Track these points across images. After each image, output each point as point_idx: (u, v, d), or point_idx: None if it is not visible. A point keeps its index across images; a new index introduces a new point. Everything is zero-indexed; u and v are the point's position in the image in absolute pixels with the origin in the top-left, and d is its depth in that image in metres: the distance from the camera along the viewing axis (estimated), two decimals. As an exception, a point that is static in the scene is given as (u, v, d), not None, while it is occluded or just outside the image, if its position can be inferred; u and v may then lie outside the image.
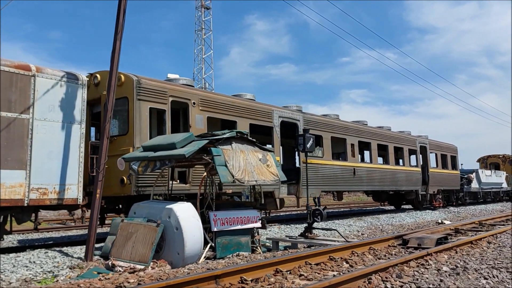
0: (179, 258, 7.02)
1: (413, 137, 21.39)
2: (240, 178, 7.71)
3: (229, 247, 8.03)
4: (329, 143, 15.46)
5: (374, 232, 12.02)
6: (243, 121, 12.04)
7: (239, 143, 8.21)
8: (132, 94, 9.48)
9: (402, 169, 19.92)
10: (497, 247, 7.30)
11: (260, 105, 12.83)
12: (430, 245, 7.36)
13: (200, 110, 10.85)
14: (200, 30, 50.11)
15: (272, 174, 8.49)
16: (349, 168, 16.28)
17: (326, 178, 15.11)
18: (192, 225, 7.13)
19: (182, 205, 7.30)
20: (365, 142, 17.73)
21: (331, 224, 15.32)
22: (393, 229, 14.19)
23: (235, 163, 7.78)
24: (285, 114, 13.71)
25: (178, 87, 10.47)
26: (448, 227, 10.17)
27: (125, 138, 9.47)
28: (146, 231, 7.19)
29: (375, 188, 18.47)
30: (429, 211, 21.75)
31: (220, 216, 7.91)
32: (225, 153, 7.69)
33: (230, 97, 12.00)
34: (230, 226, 8.03)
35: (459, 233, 9.68)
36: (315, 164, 14.67)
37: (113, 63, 7.68)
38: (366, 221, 16.81)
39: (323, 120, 15.44)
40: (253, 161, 8.22)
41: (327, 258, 6.14)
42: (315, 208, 9.16)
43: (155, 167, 7.55)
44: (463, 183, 26.78)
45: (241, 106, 11.99)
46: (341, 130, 16.19)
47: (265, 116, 12.90)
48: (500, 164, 36.25)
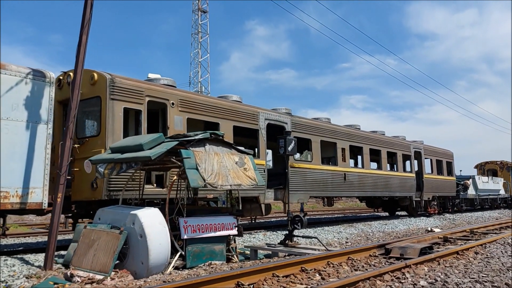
0: (143, 267, 6.53)
1: (407, 142, 20.93)
2: (213, 182, 7.23)
3: (201, 255, 7.54)
4: (318, 147, 14.99)
5: (360, 240, 11.52)
6: (226, 123, 11.58)
7: (213, 145, 7.74)
8: (105, 93, 9.02)
9: (396, 174, 19.43)
10: (484, 258, 6.82)
11: (244, 106, 12.38)
12: (413, 255, 6.89)
13: (180, 111, 10.39)
14: (196, 33, 49.85)
15: (249, 178, 8.01)
16: (339, 173, 15.80)
17: (315, 183, 14.63)
18: (158, 232, 6.65)
19: (148, 211, 6.82)
20: (356, 147, 17.26)
21: (320, 231, 14.82)
22: (383, 237, 13.69)
23: (208, 166, 7.31)
24: (271, 117, 13.25)
25: (155, 86, 10.01)
26: (437, 235, 9.68)
27: (97, 139, 9.00)
28: (108, 239, 6.70)
29: (367, 194, 17.97)
30: (424, 218, 21.24)
31: (191, 222, 7.42)
32: (197, 156, 7.22)
33: (212, 98, 11.55)
34: (202, 234, 7.54)
35: (447, 242, 9.20)
36: (303, 168, 14.20)
37: (79, 59, 7.23)
38: (357, 228, 16.31)
39: (312, 123, 14.98)
40: (229, 164, 7.74)
41: (298, 270, 5.66)
42: (295, 214, 8.68)
43: (121, 170, 7.08)
44: (459, 189, 26.27)
45: (224, 107, 11.53)
46: (331, 133, 15.72)
47: (250, 118, 12.44)
48: (498, 171, 35.75)
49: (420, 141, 23.21)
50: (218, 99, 11.70)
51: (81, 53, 7.26)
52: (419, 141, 23.08)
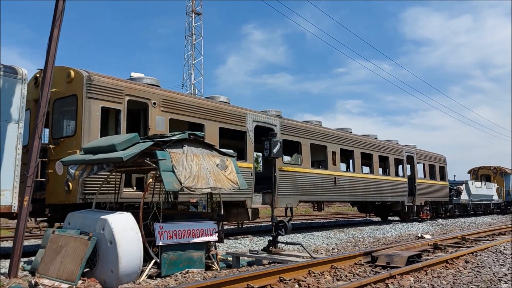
0: (113, 276, 6.11)
1: (400, 146, 20.63)
2: (190, 185, 6.83)
3: (178, 263, 7.13)
4: (308, 150, 14.63)
5: (349, 247, 11.14)
6: (212, 125, 11.20)
7: (192, 146, 7.35)
8: (81, 92, 8.62)
9: (388, 179, 19.10)
10: (475, 267, 6.47)
11: (231, 107, 12.00)
12: (400, 264, 6.53)
13: (162, 111, 9.99)
14: (190, 35, 49.51)
15: (230, 181, 7.62)
16: (329, 177, 15.44)
17: (304, 187, 14.26)
18: (129, 239, 6.24)
19: (119, 215, 6.41)
20: (348, 150, 16.93)
21: (309, 236, 14.44)
22: (373, 243, 13.32)
23: (186, 168, 6.91)
24: (260, 119, 12.89)
25: (135, 85, 9.62)
26: (427, 242, 9.33)
27: (73, 139, 8.58)
28: (77, 245, 6.28)
29: (358, 199, 17.63)
30: (416, 223, 20.92)
31: (167, 228, 7.01)
32: (174, 157, 6.82)
33: (197, 98, 11.17)
34: (179, 240, 7.13)
35: (438, 249, 8.85)
36: (293, 172, 13.83)
37: (50, 54, 6.83)
38: (348, 234, 15.95)
39: (302, 126, 14.63)
40: (209, 167, 7.35)
41: (276, 280, 5.28)
42: (279, 220, 8.30)
43: (92, 172, 6.67)
44: (452, 194, 26.01)
45: (209, 108, 11.15)
46: (321, 137, 15.37)
47: (237, 120, 12.06)
48: (491, 176, 35.57)
49: (413, 145, 22.95)
50: (203, 99, 11.33)
51: (53, 47, 6.86)
52: (412, 145, 22.81)
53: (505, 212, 33.95)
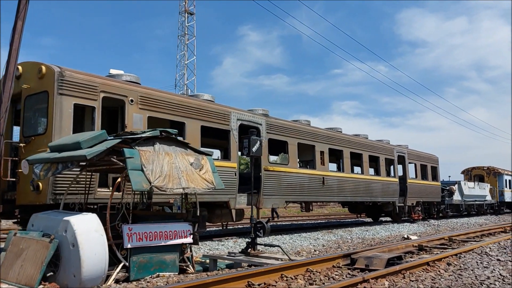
0: (75, 281, 5.78)
1: (391, 146, 20.37)
2: (161, 185, 6.51)
3: (149, 266, 6.80)
4: (295, 150, 14.33)
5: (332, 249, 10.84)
6: (193, 123, 10.88)
7: (164, 144, 7.03)
8: (53, 88, 8.28)
9: (378, 179, 18.84)
10: (457, 270, 6.18)
11: (214, 105, 11.68)
12: (379, 266, 6.24)
13: (140, 108, 9.67)
14: (183, 35, 49.20)
15: (205, 181, 7.30)
16: (317, 177, 15.15)
17: (291, 188, 13.96)
18: (93, 241, 5.91)
19: (82, 216, 6.08)
20: (336, 150, 16.65)
21: (296, 237, 14.14)
22: (357, 244, 13.04)
23: (156, 167, 6.59)
24: (244, 117, 12.57)
25: (111, 81, 9.29)
26: (411, 243, 9.04)
27: (43, 138, 8.24)
28: (37, 248, 5.94)
29: (348, 199, 17.35)
30: (407, 224, 20.68)
31: (137, 230, 6.69)
32: (143, 155, 6.50)
33: (178, 95, 10.85)
34: (150, 242, 6.81)
35: (422, 251, 8.57)
36: (279, 172, 13.53)
37: (13, 47, 6.50)
38: (336, 235, 15.66)
39: (289, 125, 14.33)
40: (182, 166, 7.03)
41: (244, 285, 4.97)
42: (257, 221, 7.99)
43: (57, 171, 6.34)
44: (445, 195, 25.79)
45: (190, 106, 10.83)
46: (309, 136, 15.08)
47: (220, 118, 11.74)
48: (485, 176, 35.42)
49: (405, 145, 22.71)
50: (184, 96, 11.01)
51: (16, 40, 6.54)
52: (404, 145, 22.57)
53: (498, 212, 33.80)
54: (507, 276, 5.96)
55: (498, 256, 7.34)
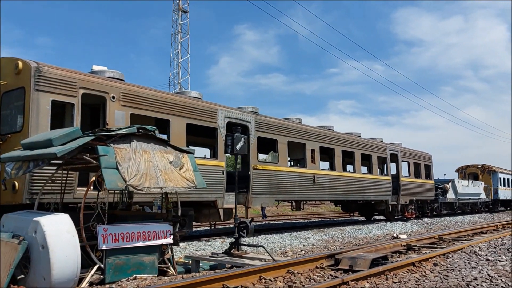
0: (45, 284, 5.53)
1: (383, 144, 20.18)
2: (137, 184, 6.27)
3: (126, 268, 6.56)
4: (285, 148, 14.11)
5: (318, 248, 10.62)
6: (179, 120, 10.62)
7: (142, 142, 6.78)
8: (29, 84, 8.01)
9: (370, 177, 18.65)
10: (443, 271, 5.97)
11: (200, 103, 11.44)
12: (363, 267, 6.03)
13: (122, 105, 9.41)
14: (177, 33, 48.80)
15: (185, 180, 7.06)
16: (308, 175, 14.93)
17: (281, 186, 13.73)
18: (64, 242, 5.66)
19: (54, 217, 5.82)
20: (328, 148, 16.43)
21: (287, 237, 13.92)
22: (343, 244, 12.84)
23: (132, 165, 6.35)
24: (232, 115, 12.33)
25: (91, 77, 9.02)
26: (400, 243, 8.84)
27: (20, 135, 7.96)
28: (6, 250, 5.69)
29: (339, 198, 17.16)
30: (401, 223, 20.50)
31: (113, 230, 6.44)
32: (118, 153, 6.25)
33: (162, 92, 10.59)
34: (127, 243, 6.56)
35: (411, 250, 8.36)
36: (268, 170, 13.30)
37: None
38: (328, 234, 15.46)
39: (279, 123, 14.10)
40: (161, 164, 6.79)
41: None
42: (241, 220, 7.76)
43: (28, 169, 6.08)
44: (438, 193, 25.65)
45: (175, 102, 10.57)
46: (299, 134, 14.86)
47: (207, 116, 11.49)
48: (479, 174, 35.34)
49: (398, 143, 22.53)
50: (169, 93, 10.76)
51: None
52: (397, 143, 22.39)
53: (492, 210, 33.72)
54: (495, 276, 5.76)
55: (487, 256, 7.14)
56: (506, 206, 38.40)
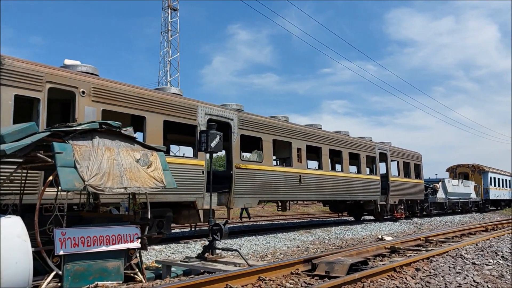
0: (-8, 294, 5.04)
1: (372, 143, 19.84)
2: (97, 184, 5.80)
3: (87, 275, 6.08)
4: (270, 147, 13.68)
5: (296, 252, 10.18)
6: (155, 117, 10.15)
7: (106, 138, 6.31)
8: (-11, 77, 7.50)
9: (359, 177, 18.28)
10: (425, 277, 5.58)
11: (179, 99, 10.96)
12: (341, 272, 5.62)
13: (93, 101, 8.92)
14: (166, 31, 48.23)
15: (154, 179, 6.60)
16: (294, 175, 14.52)
17: (265, 186, 13.30)
18: (14, 248, 5.18)
19: (4, 220, 5.33)
20: (315, 147, 16.03)
21: (271, 238, 13.50)
22: (336, 245, 12.46)
23: (93, 164, 5.87)
24: (214, 112, 11.87)
25: (59, 71, 8.52)
26: (384, 245, 8.44)
27: (-21, 132, 7.44)
28: (-50, 256, 5.19)
29: (327, 198, 16.77)
30: (390, 223, 20.19)
31: (71, 234, 5.96)
32: (77, 150, 5.78)
33: (138, 87, 10.09)
34: (88, 248, 6.08)
35: (395, 253, 7.97)
36: (252, 169, 12.86)
37: None
38: (314, 235, 15.07)
39: (264, 120, 13.66)
40: (126, 163, 6.32)
41: (178, 299, 4.30)
42: (214, 223, 7.32)
43: (-24, 168, 5.59)
44: (428, 193, 25.39)
45: (151, 99, 10.09)
46: (285, 132, 14.44)
47: (186, 113, 11.02)
48: (469, 174, 35.20)
49: (388, 142, 22.22)
50: (145, 89, 10.26)
51: None
52: (387, 142, 22.07)
53: (483, 210, 33.58)
54: (481, 282, 5.38)
55: (474, 260, 6.77)
56: (496, 205, 38.33)
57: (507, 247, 7.91)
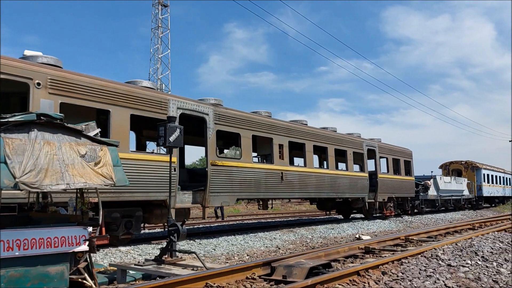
0: None
1: (360, 139, 19.33)
2: (32, 181, 5.25)
3: (24, 281, 5.53)
4: (249, 143, 13.14)
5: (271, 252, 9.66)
6: (121, 111, 9.60)
7: (46, 132, 5.75)
8: None
9: (345, 174, 17.78)
10: (390, 281, 5.06)
11: (148, 92, 10.41)
12: (299, 277, 5.12)
13: (49, 93, 8.36)
14: (156, 28, 47.57)
15: (101, 176, 6.05)
16: (275, 172, 14.00)
17: (244, 184, 12.78)
18: None
19: None
20: (298, 143, 15.52)
21: (250, 237, 12.98)
22: (322, 243, 11.95)
23: (28, 159, 5.32)
24: (187, 106, 11.32)
25: (10, 61, 7.95)
26: (357, 245, 7.91)
27: None
28: None
29: (311, 195, 16.27)
30: (379, 221, 19.71)
31: (5, 237, 5.41)
32: (9, 145, 5.23)
33: (101, 79, 9.53)
34: (25, 252, 5.53)
35: (369, 254, 7.46)
36: (229, 166, 12.33)
37: None
38: (298, 233, 14.57)
39: (242, 115, 13.12)
40: (68, 158, 5.77)
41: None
42: (171, 223, 6.78)
43: None
44: (419, 190, 24.93)
45: (116, 91, 9.54)
46: (266, 128, 13.91)
47: (156, 107, 10.47)
48: (462, 171, 34.81)
49: (378, 139, 21.74)
50: (109, 81, 9.69)
51: None
52: (376, 139, 21.59)
53: (476, 207, 33.18)
54: (452, 287, 4.87)
55: (450, 261, 6.26)
56: (490, 202, 37.95)
57: (489, 246, 7.40)
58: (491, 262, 6.27)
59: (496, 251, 7.06)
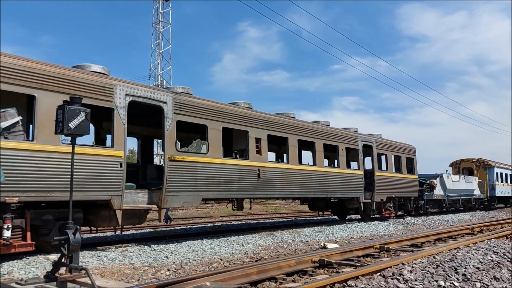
0: None
1: (354, 134, 17.69)
2: None
3: None
4: (219, 136, 11.70)
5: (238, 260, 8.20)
6: (50, 97, 8.27)
7: None
8: None
9: (336, 171, 16.19)
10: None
11: (87, 75, 9.06)
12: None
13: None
14: (157, 23, 46.47)
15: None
16: (251, 169, 12.53)
17: (211, 182, 11.35)
18: None
19: None
20: (279, 137, 14.02)
21: (223, 241, 11.53)
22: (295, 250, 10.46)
23: None
24: (137, 92, 9.94)
25: None
26: (310, 258, 6.36)
27: None
28: None
29: (295, 195, 14.75)
30: (377, 223, 18.06)
31: None
32: None
33: (26, 59, 8.20)
34: None
35: (323, 269, 5.94)
36: (192, 162, 10.92)
37: None
38: (277, 237, 13.07)
39: (209, 105, 11.66)
40: None
41: None
42: (59, 234, 5.39)
43: None
44: (424, 189, 23.12)
45: (44, 73, 8.21)
46: (240, 120, 12.44)
47: (98, 93, 9.12)
48: (474, 169, 32.70)
49: (378, 134, 20.06)
50: (36, 62, 8.36)
51: None
52: (377, 134, 19.92)
53: (488, 208, 31.09)
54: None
55: (414, 283, 4.72)
56: (505, 203, 35.71)
57: (477, 259, 5.82)
58: (473, 283, 4.73)
59: (484, 266, 5.50)
